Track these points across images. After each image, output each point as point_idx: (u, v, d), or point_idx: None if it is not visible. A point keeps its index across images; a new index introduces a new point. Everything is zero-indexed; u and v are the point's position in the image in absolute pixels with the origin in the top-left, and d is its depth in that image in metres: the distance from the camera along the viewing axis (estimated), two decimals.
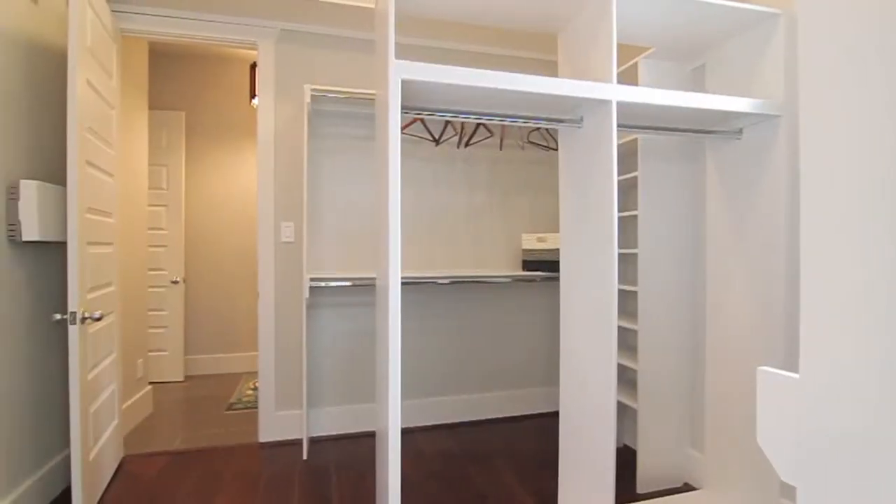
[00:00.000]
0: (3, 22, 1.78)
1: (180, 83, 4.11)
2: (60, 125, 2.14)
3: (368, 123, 2.85)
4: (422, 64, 1.34)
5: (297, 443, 2.68)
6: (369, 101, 2.69)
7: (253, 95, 3.74)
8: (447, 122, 2.89)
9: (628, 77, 2.23)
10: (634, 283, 2.33)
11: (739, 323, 1.88)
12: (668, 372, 2.21)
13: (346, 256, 2.83)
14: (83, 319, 1.84)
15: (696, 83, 2.17)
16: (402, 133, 2.81)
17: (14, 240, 1.81)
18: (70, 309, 1.78)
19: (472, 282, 2.95)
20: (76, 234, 1.79)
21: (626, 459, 2.45)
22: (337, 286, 2.79)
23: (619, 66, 2.31)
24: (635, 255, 2.29)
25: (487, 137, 2.99)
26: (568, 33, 1.77)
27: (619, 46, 1.71)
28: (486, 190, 3.07)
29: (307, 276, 2.44)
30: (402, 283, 2.79)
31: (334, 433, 2.80)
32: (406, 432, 2.86)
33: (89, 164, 1.96)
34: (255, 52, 2.83)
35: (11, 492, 1.80)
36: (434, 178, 2.98)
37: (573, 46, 1.74)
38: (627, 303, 2.61)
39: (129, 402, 2.87)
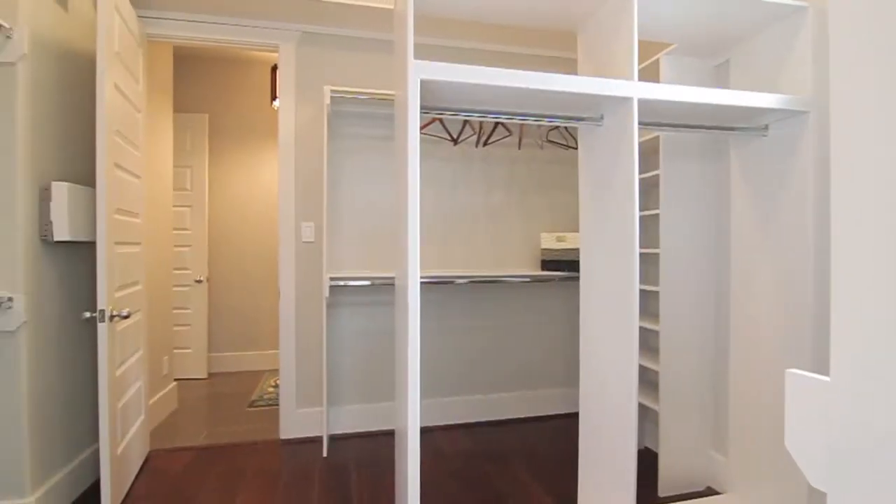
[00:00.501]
0: (37, 30, 1.84)
1: (204, 86, 4.19)
2: (89, 128, 2.20)
3: (387, 124, 2.86)
4: (441, 64, 1.34)
5: (317, 440, 2.72)
6: (388, 101, 2.70)
7: (274, 97, 3.80)
8: (465, 122, 2.89)
9: (649, 74, 2.20)
10: (656, 283, 2.30)
11: (765, 323, 1.84)
12: (690, 373, 2.17)
13: (366, 256, 2.85)
14: (111, 317, 1.89)
15: (720, 79, 2.13)
16: (421, 133, 2.82)
17: (46, 240, 1.87)
18: (99, 307, 1.83)
19: (491, 281, 2.94)
20: (105, 234, 1.84)
21: (647, 462, 2.42)
22: (356, 285, 2.82)
23: (639, 63, 2.28)
24: (657, 254, 2.26)
25: (506, 136, 2.98)
26: (588, 30, 1.76)
27: (640, 43, 1.68)
28: (504, 189, 3.06)
29: (327, 276, 2.47)
30: (421, 283, 2.80)
31: (354, 431, 2.83)
32: (425, 431, 2.87)
33: (117, 166, 2.01)
34: (276, 55, 2.87)
35: (43, 484, 1.86)
36: (452, 177, 2.98)
37: (593, 43, 1.72)
38: (649, 303, 2.58)
39: (155, 399, 2.94)
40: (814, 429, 0.43)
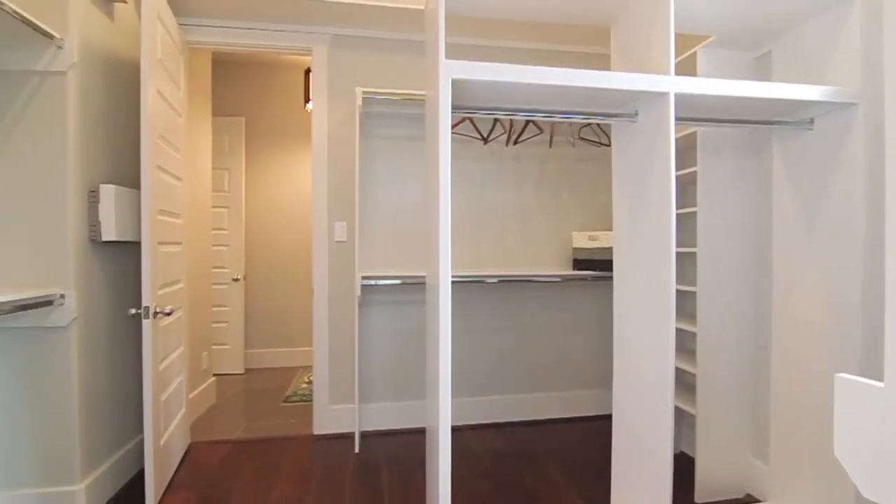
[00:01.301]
0: (86, 40, 1.93)
1: (240, 90, 4.31)
2: (133, 133, 2.30)
3: (418, 124, 2.88)
4: (472, 62, 1.34)
5: (349, 436, 2.76)
6: (418, 101, 2.72)
7: (307, 100, 3.87)
8: (496, 121, 2.88)
9: (684, 69, 2.14)
10: (692, 283, 2.24)
11: (810, 325, 1.76)
12: (728, 376, 2.10)
13: (396, 255, 2.87)
14: (155, 314, 1.97)
15: (761, 72, 2.05)
16: (451, 132, 2.82)
17: (95, 240, 1.97)
18: (143, 304, 1.91)
19: (521, 281, 2.92)
20: (149, 234, 1.92)
21: (683, 467, 2.35)
22: (387, 284, 2.84)
23: (675, 56, 2.22)
24: (693, 254, 2.20)
25: (537, 135, 2.95)
26: (621, 24, 1.72)
27: (675, 37, 1.64)
28: (535, 188, 3.04)
29: (359, 275, 2.51)
30: (452, 282, 2.81)
31: (385, 428, 2.86)
32: (454, 430, 2.87)
33: (160, 168, 2.10)
34: (309, 58, 2.93)
35: (91, 473, 1.96)
36: (482, 176, 2.97)
37: (627, 38, 1.69)
38: (685, 304, 2.51)
39: (195, 393, 3.04)
40: (867, 436, 0.41)
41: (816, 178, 1.74)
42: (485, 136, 2.89)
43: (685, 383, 2.44)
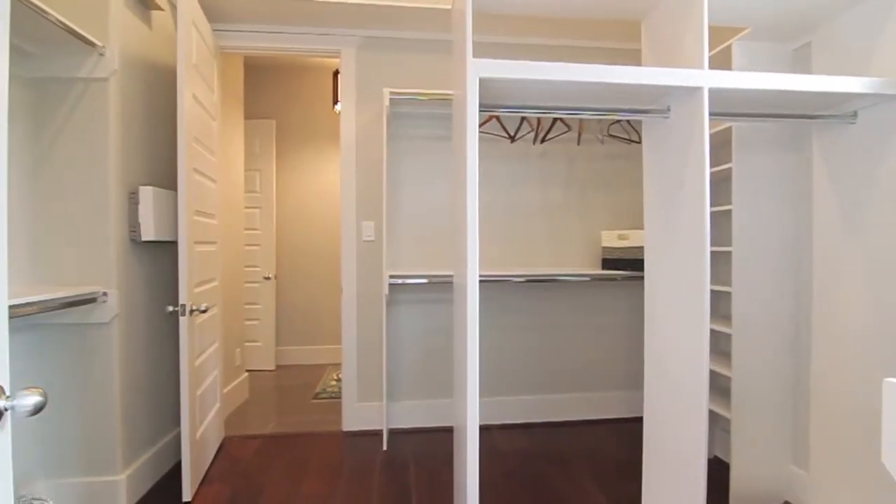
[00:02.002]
0: (125, 47, 2.01)
1: (270, 93, 4.41)
2: (170, 136, 2.38)
3: (444, 124, 2.89)
4: (500, 61, 1.33)
5: (377, 433, 2.79)
6: (445, 101, 2.72)
7: (335, 101, 3.93)
8: (522, 119, 2.86)
9: (717, 62, 2.08)
10: (726, 283, 2.17)
11: (854, 327, 1.69)
12: (765, 379, 2.03)
13: (423, 254, 2.89)
14: (191, 311, 2.03)
15: (799, 64, 1.97)
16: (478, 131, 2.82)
17: (135, 240, 2.04)
18: (181, 302, 1.97)
19: (549, 280, 2.89)
20: (185, 234, 1.98)
21: (716, 472, 2.29)
22: (414, 283, 2.86)
23: (708, 50, 2.16)
24: (727, 253, 2.13)
25: (565, 132, 2.92)
26: (652, 18, 1.68)
27: (708, 29, 1.59)
28: (562, 186, 3.00)
29: (386, 274, 2.53)
30: (479, 281, 2.81)
31: (412, 426, 2.88)
32: (481, 429, 2.86)
33: (196, 171, 2.16)
34: (337, 60, 2.97)
35: (132, 464, 2.04)
36: (509, 175, 2.96)
37: (658, 32, 1.65)
38: (719, 304, 2.44)
39: (229, 388, 3.13)
40: None
41: (860, 174, 1.66)
42: (512, 134, 2.88)
43: (719, 386, 2.37)
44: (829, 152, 1.79)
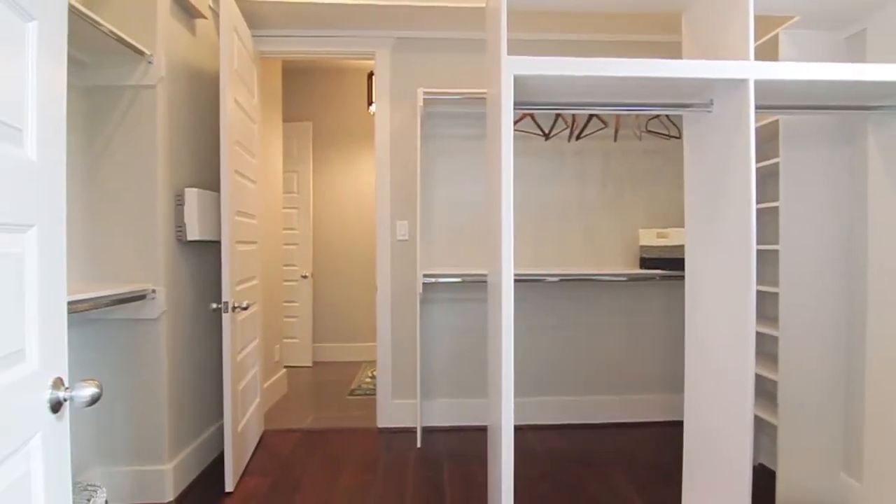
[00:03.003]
0: (171, 55, 2.09)
1: (307, 96, 4.50)
2: (213, 139, 2.46)
3: (477, 123, 2.88)
4: (535, 58, 1.32)
5: (411, 431, 2.81)
6: (479, 100, 2.71)
7: (370, 102, 3.98)
8: (557, 116, 2.82)
9: (762, 54, 1.99)
10: (772, 283, 2.08)
11: None
12: (815, 384, 1.94)
13: (457, 253, 2.89)
14: (233, 308, 2.10)
15: (852, 53, 1.87)
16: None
17: (181, 240, 2.13)
18: (223, 299, 2.04)
19: (584, 280, 2.84)
20: (228, 234, 2.05)
21: (761, 480, 2.19)
22: (448, 282, 2.87)
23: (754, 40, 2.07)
24: (773, 252, 2.04)
25: (601, 129, 2.85)
26: (694, 10, 1.63)
27: (754, 19, 1.53)
28: (598, 184, 2.95)
29: (420, 272, 2.54)
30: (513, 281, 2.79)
31: (446, 424, 2.89)
32: (515, 430, 2.83)
33: (237, 173, 2.23)
34: (371, 62, 3.01)
35: (178, 455, 2.12)
36: (543, 173, 2.92)
37: (701, 23, 1.60)
38: (765, 306, 2.34)
39: (268, 383, 3.22)
40: None
41: None
42: (546, 132, 2.84)
43: (764, 390, 2.28)
44: (885, 146, 1.69)
